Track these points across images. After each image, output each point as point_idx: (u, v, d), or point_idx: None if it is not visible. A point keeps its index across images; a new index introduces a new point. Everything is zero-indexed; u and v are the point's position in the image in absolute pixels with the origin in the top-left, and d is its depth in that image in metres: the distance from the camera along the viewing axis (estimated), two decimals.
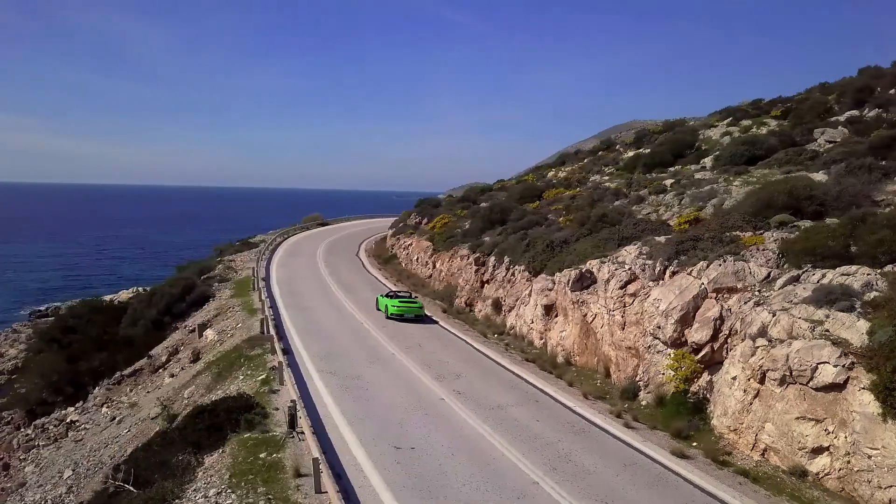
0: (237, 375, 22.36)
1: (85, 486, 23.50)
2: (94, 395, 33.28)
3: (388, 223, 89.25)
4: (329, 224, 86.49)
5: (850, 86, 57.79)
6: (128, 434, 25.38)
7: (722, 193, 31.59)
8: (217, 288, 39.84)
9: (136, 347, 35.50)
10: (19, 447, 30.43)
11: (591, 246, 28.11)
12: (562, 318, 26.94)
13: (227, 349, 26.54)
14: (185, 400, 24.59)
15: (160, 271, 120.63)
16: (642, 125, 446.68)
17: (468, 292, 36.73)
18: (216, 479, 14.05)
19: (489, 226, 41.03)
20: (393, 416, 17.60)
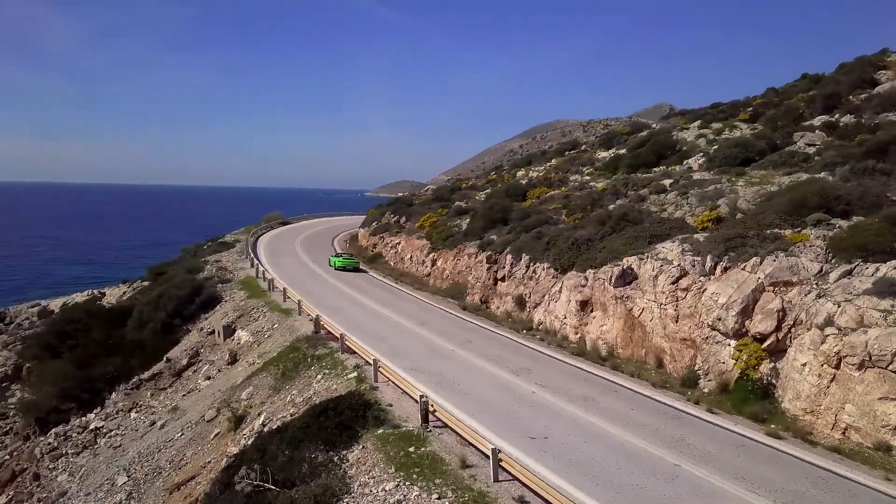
0: (313, 375, 22.59)
1: (146, 490, 23.43)
2: (114, 400, 32.54)
3: (347, 221, 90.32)
4: (290, 223, 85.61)
5: (792, 91, 61.95)
6: (182, 437, 25.29)
7: (729, 193, 33.56)
8: (222, 289, 39.32)
9: (147, 351, 34.76)
10: (43, 456, 29.53)
11: (621, 243, 29.47)
12: (600, 312, 28.19)
13: (280, 350, 26.58)
14: (244, 401, 24.65)
15: (106, 272, 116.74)
16: (565, 125, 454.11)
17: (481, 290, 37.61)
18: (380, 472, 14.53)
19: (491, 224, 42.00)
20: (501, 407, 18.40)
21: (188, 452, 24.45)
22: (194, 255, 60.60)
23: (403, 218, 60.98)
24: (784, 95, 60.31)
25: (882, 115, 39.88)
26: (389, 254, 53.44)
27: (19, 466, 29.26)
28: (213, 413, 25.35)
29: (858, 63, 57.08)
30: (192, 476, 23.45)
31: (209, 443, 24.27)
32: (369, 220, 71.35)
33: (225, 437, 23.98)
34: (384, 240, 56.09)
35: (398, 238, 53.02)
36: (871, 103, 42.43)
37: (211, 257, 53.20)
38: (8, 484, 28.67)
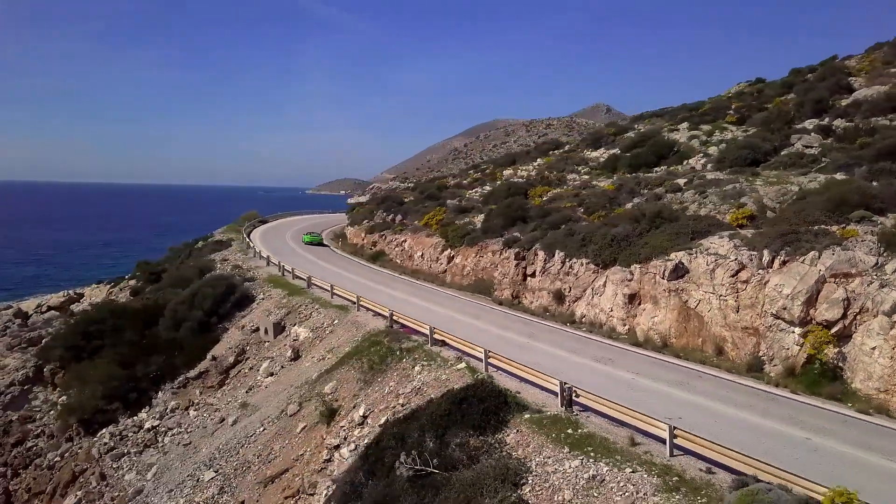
0: (408, 367, 23.45)
1: (238, 485, 23.97)
2: (163, 399, 32.55)
3: (320, 219, 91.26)
4: (268, 221, 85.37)
5: (767, 94, 65.49)
6: (265, 432, 25.84)
7: (750, 192, 35.77)
8: (249, 287, 39.46)
9: (186, 350, 34.77)
10: (102, 456, 29.44)
11: (664, 239, 31.16)
12: (650, 305, 29.85)
13: (353, 344, 27.27)
14: (328, 395, 25.30)
15: (65, 273, 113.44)
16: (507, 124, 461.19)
17: (510, 285, 38.86)
18: (553, 452, 15.64)
19: (510, 222, 43.29)
20: (619, 393, 19.74)
21: (275, 446, 24.96)
22: (189, 255, 60.00)
23: (399, 216, 61.74)
24: (763, 98, 63.65)
25: (872, 120, 42.98)
26: (394, 252, 54.11)
27: (78, 467, 29.06)
28: (296, 407, 25.88)
29: (824, 68, 60.83)
30: (284, 469, 24.06)
31: (296, 436, 24.83)
32: (357, 218, 71.80)
33: (313, 430, 24.62)
34: (386, 238, 56.71)
35: (403, 236, 53.77)
36: (859, 108, 45.54)
37: (214, 256, 52.87)
38: (70, 484, 28.48)
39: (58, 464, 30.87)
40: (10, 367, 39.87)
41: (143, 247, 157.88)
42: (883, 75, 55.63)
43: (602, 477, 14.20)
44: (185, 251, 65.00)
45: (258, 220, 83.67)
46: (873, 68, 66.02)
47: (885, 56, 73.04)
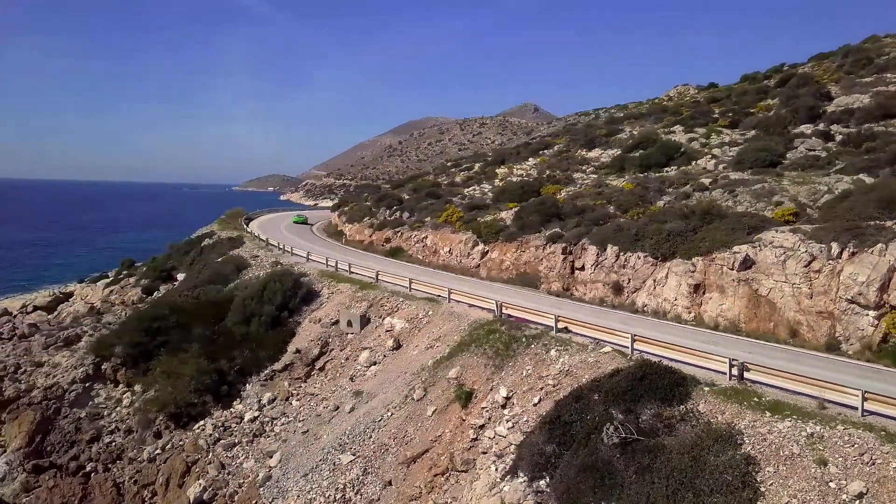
0: (541, 352, 25.52)
1: (380, 466, 25.60)
2: (253, 391, 33.47)
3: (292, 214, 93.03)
4: (253, 218, 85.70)
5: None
6: (393, 417, 27.61)
7: (781, 192, 39.45)
8: (309, 282, 40.52)
9: (262, 343, 35.72)
10: (210, 447, 30.31)
11: (723, 234, 34.29)
12: (717, 294, 32.85)
13: (463, 333, 29.11)
14: (454, 379, 27.15)
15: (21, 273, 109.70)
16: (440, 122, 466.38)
17: (558, 278, 41.33)
18: (755, 418, 18.11)
19: (546, 219, 45.76)
20: None
21: (409, 429, 26.59)
22: (201, 254, 59.95)
23: (406, 214, 63.35)
24: (745, 103, 68.32)
25: (865, 126, 47.55)
26: (414, 248, 55.72)
27: (189, 458, 29.78)
28: (422, 392, 27.56)
29: (781, 75, 65.97)
30: (425, 449, 25.79)
31: (428, 419, 26.54)
32: (355, 215, 72.88)
33: (445, 412, 26.42)
34: (402, 235, 58.20)
35: (423, 233, 55.43)
36: (852, 115, 50.18)
37: (239, 253, 53.25)
38: (186, 474, 29.21)
39: (159, 456, 31.37)
40: (65, 366, 39.49)
41: (81, 245, 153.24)
42: (856, 84, 60.87)
43: (820, 434, 16.76)
44: (186, 249, 64.62)
45: (245, 217, 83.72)
46: (832, 76, 71.87)
47: (839, 65, 79.44)
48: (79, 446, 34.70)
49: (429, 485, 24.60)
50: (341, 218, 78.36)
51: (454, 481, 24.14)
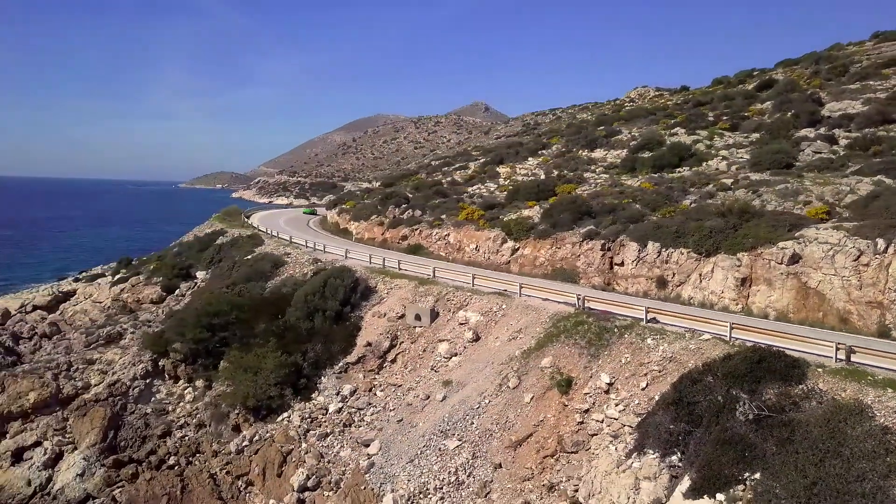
0: (637, 341, 27.47)
1: (487, 450, 27.25)
2: (329, 384, 34.55)
3: (287, 212, 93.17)
4: (248, 216, 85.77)
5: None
6: (490, 404, 29.25)
7: (805, 191, 42.37)
8: (365, 278, 41.64)
9: (334, 338, 36.79)
10: (301, 437, 31.37)
11: (765, 231, 36.88)
12: (765, 286, 35.40)
13: (547, 325, 30.88)
14: (548, 368, 28.91)
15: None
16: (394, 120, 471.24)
17: (597, 273, 43.42)
18: (876, 392, 20.40)
19: (577, 217, 47.84)
20: None
21: (510, 415, 28.24)
22: (219, 252, 60.14)
23: (419, 212, 64.72)
24: (737, 106, 71.81)
25: (869, 130, 51.16)
26: (435, 245, 57.11)
27: (284, 448, 30.76)
28: (516, 381, 29.22)
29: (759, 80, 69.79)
30: (529, 433, 27.51)
31: (527, 405, 28.24)
32: (361, 213, 73.76)
33: (543, 398, 28.17)
34: (420, 232, 59.50)
35: (445, 230, 56.91)
36: (852, 120, 53.81)
37: (263, 250, 53.79)
38: (283, 464, 30.19)
39: (248, 448, 32.18)
40: (120, 363, 39.53)
41: (46, 243, 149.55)
42: (844, 91, 64.91)
43: None
44: (200, 247, 64.58)
45: (245, 215, 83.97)
46: (814, 83, 76.08)
47: (814, 71, 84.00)
48: (151, 441, 35.22)
49: (539, 465, 26.31)
50: (343, 216, 79.14)
51: (565, 462, 25.90)
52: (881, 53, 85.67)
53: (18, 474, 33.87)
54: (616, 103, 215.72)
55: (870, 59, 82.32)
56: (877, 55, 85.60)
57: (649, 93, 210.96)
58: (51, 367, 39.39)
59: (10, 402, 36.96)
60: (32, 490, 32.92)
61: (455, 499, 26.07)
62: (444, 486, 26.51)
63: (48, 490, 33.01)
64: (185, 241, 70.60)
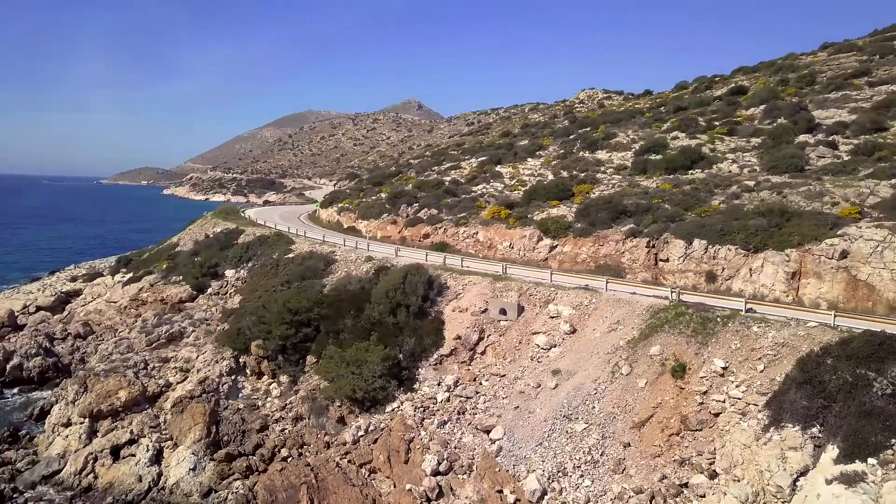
0: (742, 329, 30.48)
1: (613, 431, 29.89)
2: (428, 375, 36.33)
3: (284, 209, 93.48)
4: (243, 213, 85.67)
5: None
6: (607, 390, 31.88)
7: (829, 193, 46.60)
8: (432, 274, 43.44)
9: (423, 332, 38.53)
10: (418, 426, 33.16)
11: (810, 229, 40.71)
12: (815, 279, 39.20)
13: (646, 317, 33.62)
14: (657, 356, 31.67)
15: None
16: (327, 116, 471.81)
17: (643, 268, 46.57)
18: None
19: (615, 216, 50.89)
20: None
21: (628, 399, 30.85)
22: (247, 251, 60.44)
23: (434, 210, 66.62)
24: (725, 112, 76.55)
25: (867, 137, 56.18)
26: (463, 243, 59.11)
27: (405, 436, 32.41)
28: (628, 368, 31.84)
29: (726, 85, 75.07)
30: (649, 415, 30.21)
31: (643, 390, 30.90)
32: (367, 212, 74.96)
33: (656, 383, 30.89)
34: (446, 230, 61.30)
35: (473, 228, 59.00)
36: (846, 128, 58.87)
37: (299, 249, 54.68)
38: (408, 451, 31.86)
39: (363, 438, 33.64)
40: (201, 360, 40.01)
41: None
42: (826, 101, 70.41)
43: None
44: (220, 246, 64.48)
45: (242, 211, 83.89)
46: (788, 91, 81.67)
47: (781, 79, 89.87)
48: (250, 435, 36.16)
49: (666, 443, 29.00)
50: (346, 214, 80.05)
51: (691, 439, 28.67)
52: (841, 64, 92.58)
53: (126, 471, 34.31)
54: (566, 104, 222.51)
55: (833, 70, 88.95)
56: (837, 65, 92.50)
57: (598, 95, 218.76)
58: (129, 366, 39.60)
59: (100, 400, 37.15)
60: (147, 486, 33.47)
61: (594, 476, 28.50)
62: (581, 464, 28.90)
63: (162, 485, 33.56)
64: (200, 241, 70.00)
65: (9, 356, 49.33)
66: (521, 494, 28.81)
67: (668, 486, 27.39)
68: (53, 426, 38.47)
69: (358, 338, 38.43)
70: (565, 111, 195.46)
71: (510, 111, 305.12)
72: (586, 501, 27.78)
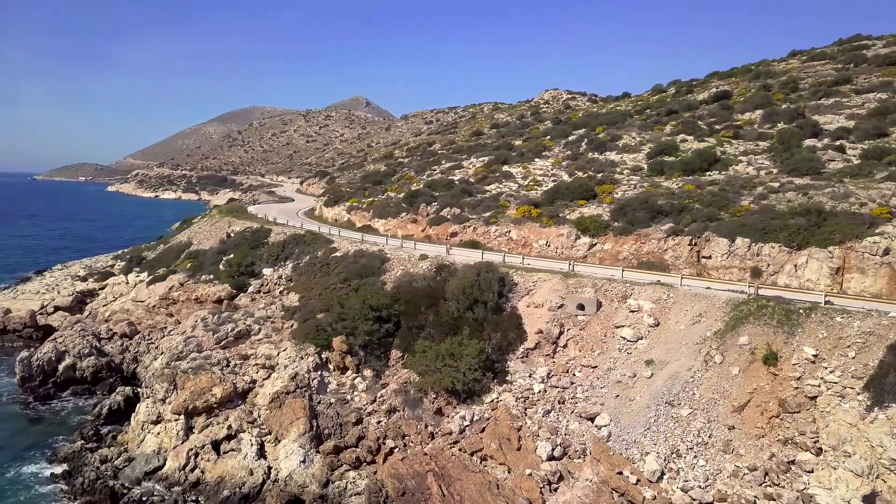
0: (826, 320, 33.36)
1: (716, 415, 32.40)
2: (519, 367, 38.24)
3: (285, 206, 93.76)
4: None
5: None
6: (703, 378, 34.32)
7: (854, 195, 50.35)
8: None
9: (504, 326, 40.38)
10: (522, 415, 35.09)
11: (849, 228, 44.16)
12: (858, 274, 42.63)
13: (729, 310, 36.23)
14: (748, 345, 34.35)
15: None
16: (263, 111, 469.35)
17: (686, 265, 49.44)
18: None
19: (653, 215, 53.67)
20: None
21: (724, 385, 33.38)
22: (283, 249, 61.01)
23: (457, 209, 68.35)
24: (722, 116, 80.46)
25: (871, 142, 60.49)
26: (495, 241, 61.02)
27: (512, 425, 34.22)
28: (720, 357, 34.39)
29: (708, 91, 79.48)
30: (747, 400, 32.83)
31: (736, 377, 33.47)
32: (383, 211, 76.06)
33: (748, 370, 33.51)
34: (476, 229, 63.09)
35: (505, 227, 60.99)
36: (849, 133, 63.18)
37: (344, 248, 55.67)
38: (519, 439, 33.69)
39: (469, 428, 35.27)
40: (285, 357, 40.79)
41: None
42: (819, 107, 74.98)
43: None
44: (251, 245, 64.74)
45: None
46: (776, 96, 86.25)
47: (763, 86, 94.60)
48: (347, 428, 37.35)
49: (768, 424, 31.64)
50: (358, 213, 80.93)
51: (791, 420, 31.35)
52: (818, 72, 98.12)
53: (234, 465, 35.10)
54: (531, 104, 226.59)
55: (812, 77, 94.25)
56: (815, 72, 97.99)
57: (562, 95, 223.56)
58: (213, 364, 40.17)
59: (195, 397, 37.73)
60: (260, 478, 34.33)
61: (707, 456, 30.95)
62: (693, 446, 31.31)
63: (274, 478, 34.50)
64: (224, 240, 69.76)
65: (60, 356, 48.89)
66: (640, 475, 31.02)
67: (778, 462, 30.01)
68: (142, 424, 38.79)
69: (441, 333, 39.99)
70: (532, 111, 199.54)
71: (469, 110, 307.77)
72: (705, 479, 30.19)
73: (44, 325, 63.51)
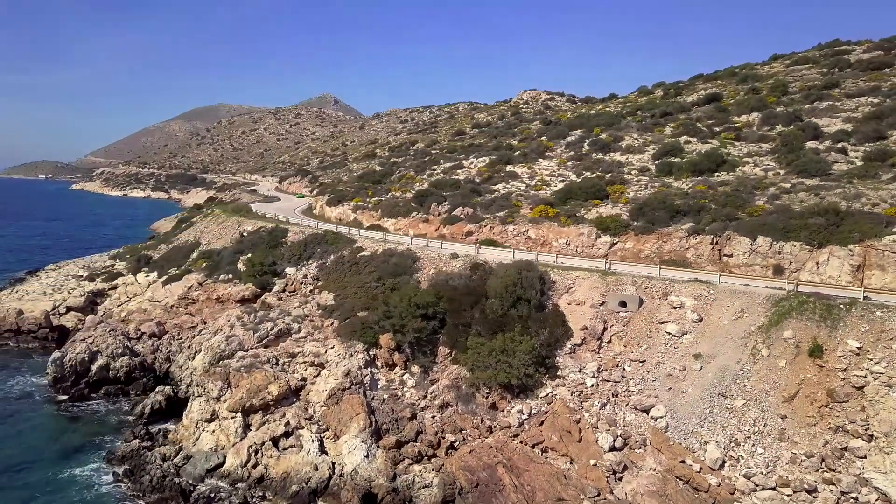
0: (868, 315, 35.21)
1: (769, 405, 34.12)
2: (569, 363, 39.50)
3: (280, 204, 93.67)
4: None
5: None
6: (752, 370, 36.02)
7: (864, 195, 52.72)
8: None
9: (549, 323, 41.60)
10: (579, 407, 36.39)
11: (867, 227, 46.38)
12: (878, 271, 44.80)
13: (771, 306, 37.93)
14: (791, 340, 36.09)
15: None
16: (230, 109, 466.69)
17: (708, 263, 51.24)
18: None
19: (672, 215, 55.41)
20: None
21: (773, 377, 35.07)
22: (305, 249, 61.36)
23: (469, 209, 69.43)
24: (720, 119, 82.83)
25: (872, 144, 63.15)
26: (513, 240, 62.18)
27: (570, 417, 35.45)
28: (767, 351, 36.07)
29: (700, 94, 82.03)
30: (796, 390, 34.52)
31: (782, 369, 35.17)
32: (393, 211, 76.75)
33: (794, 363, 35.24)
34: (492, 228, 64.20)
35: (522, 226, 62.26)
36: (850, 136, 65.82)
37: (369, 247, 56.35)
38: (578, 431, 34.93)
39: (527, 421, 36.37)
40: (333, 354, 41.34)
41: None
42: (815, 111, 77.74)
43: None
44: (270, 244, 64.95)
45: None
46: (769, 98, 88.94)
47: (751, 88, 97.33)
48: (404, 422, 38.20)
49: (818, 413, 33.37)
50: (365, 213, 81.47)
51: (840, 409, 33.12)
52: (804, 76, 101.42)
53: (298, 461, 35.68)
54: (511, 104, 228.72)
55: (799, 81, 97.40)
56: (801, 76, 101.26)
57: (541, 96, 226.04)
58: (263, 362, 40.65)
59: (251, 395, 38.20)
60: (326, 473, 34.97)
61: (764, 444, 32.58)
62: (750, 435, 32.92)
63: (339, 472, 35.19)
64: (243, 238, 69.65)
65: (94, 356, 48.67)
66: (702, 463, 32.51)
67: (832, 449, 31.74)
68: (196, 422, 39.04)
69: (487, 330, 41.04)
70: (512, 111, 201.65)
71: (445, 109, 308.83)
72: (766, 466, 31.79)
73: (58, 326, 62.89)
